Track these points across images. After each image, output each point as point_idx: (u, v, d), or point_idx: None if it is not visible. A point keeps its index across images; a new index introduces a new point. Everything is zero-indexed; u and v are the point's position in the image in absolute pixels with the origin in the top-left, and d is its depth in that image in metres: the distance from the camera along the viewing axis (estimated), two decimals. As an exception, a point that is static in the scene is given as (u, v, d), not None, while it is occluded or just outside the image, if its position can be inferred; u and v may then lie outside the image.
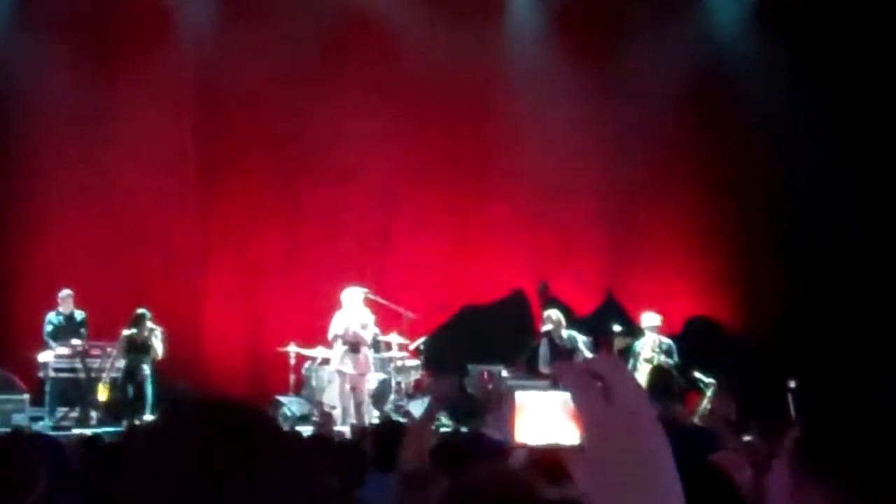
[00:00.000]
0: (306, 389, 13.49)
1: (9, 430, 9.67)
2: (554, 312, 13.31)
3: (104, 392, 12.99)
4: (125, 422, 12.18)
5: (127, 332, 13.13)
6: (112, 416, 12.76)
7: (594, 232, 15.43)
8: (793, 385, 12.55)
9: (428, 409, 4.76)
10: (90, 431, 10.80)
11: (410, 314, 13.64)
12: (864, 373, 11.29)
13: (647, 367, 13.07)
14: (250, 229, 15.06)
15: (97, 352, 13.22)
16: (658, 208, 15.37)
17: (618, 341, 13.05)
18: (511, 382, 1.41)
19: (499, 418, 1.37)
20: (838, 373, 12.11)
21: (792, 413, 12.09)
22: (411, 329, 13.70)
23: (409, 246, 15.22)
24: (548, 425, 1.29)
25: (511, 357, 13.56)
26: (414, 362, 13.71)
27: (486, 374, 13.57)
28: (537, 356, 13.15)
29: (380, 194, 15.23)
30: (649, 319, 13.36)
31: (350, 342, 12.68)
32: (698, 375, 12.84)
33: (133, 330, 13.13)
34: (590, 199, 15.37)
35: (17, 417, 12.15)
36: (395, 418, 11.49)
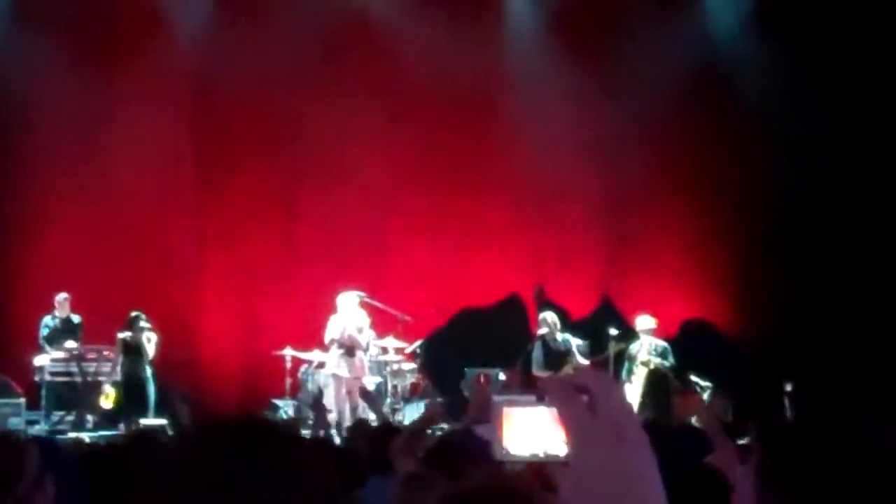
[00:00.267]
0: (302, 393, 13.49)
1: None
2: (549, 315, 13.32)
3: (108, 398, 12.98)
4: (124, 425, 12.18)
5: (122, 335, 13.14)
6: (111, 420, 12.75)
7: (591, 235, 15.42)
8: (789, 388, 12.56)
9: (419, 422, 4.78)
10: (87, 435, 10.80)
11: (407, 317, 13.64)
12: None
13: (643, 370, 13.07)
14: (247, 232, 15.04)
15: (93, 355, 13.21)
16: (654, 211, 15.37)
17: (612, 346, 13.04)
18: (498, 398, 1.42)
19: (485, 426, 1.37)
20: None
21: (789, 415, 12.09)
22: (407, 332, 13.71)
23: (406, 249, 15.20)
24: (535, 439, 1.30)
25: (507, 360, 13.57)
26: (410, 366, 13.71)
27: (482, 378, 13.57)
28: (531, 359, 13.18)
29: (376, 197, 15.21)
30: (644, 322, 13.36)
31: (346, 346, 12.67)
32: (694, 378, 12.85)
33: (128, 333, 13.12)
34: (586, 202, 15.36)
35: (13, 421, 12.11)
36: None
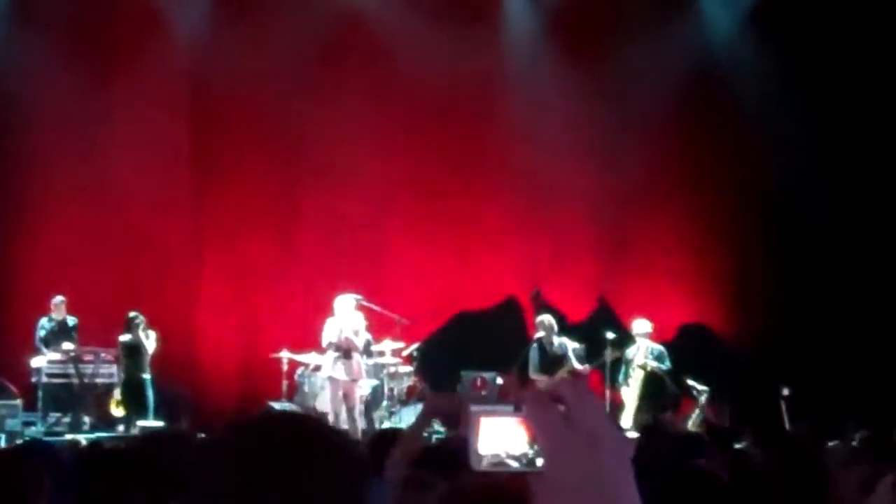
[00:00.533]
0: (299, 395, 13.48)
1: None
2: (546, 318, 13.32)
3: (118, 405, 13.00)
4: (123, 427, 12.18)
5: (122, 337, 13.16)
6: (109, 421, 12.76)
7: (588, 238, 15.43)
8: (786, 392, 12.57)
9: (418, 420, 4.78)
10: (83, 437, 10.79)
11: (404, 320, 13.64)
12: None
13: (640, 373, 13.08)
14: (244, 234, 15.04)
15: (90, 357, 13.21)
16: (651, 214, 15.38)
17: (608, 352, 13.04)
18: (475, 408, 1.42)
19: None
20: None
21: (785, 420, 12.10)
22: (405, 335, 13.71)
23: (403, 252, 15.21)
24: (511, 449, 1.29)
25: (504, 364, 13.58)
26: (407, 368, 13.70)
27: (478, 381, 13.57)
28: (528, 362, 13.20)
29: (374, 199, 15.21)
30: (641, 326, 13.35)
31: (343, 349, 12.67)
32: (691, 382, 12.86)
33: (128, 335, 13.15)
34: (584, 205, 15.36)
35: (9, 423, 12.12)
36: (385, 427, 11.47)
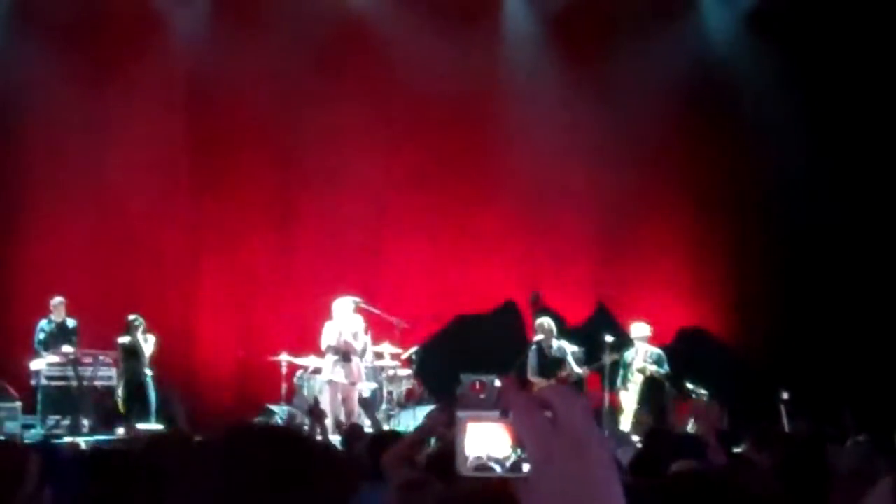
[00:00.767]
0: (298, 398, 13.48)
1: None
2: (546, 321, 13.32)
3: (121, 405, 13.02)
4: (123, 429, 12.17)
5: (121, 339, 13.17)
6: (109, 424, 12.76)
7: (587, 241, 15.43)
8: (785, 396, 12.56)
9: (417, 433, 4.81)
10: (83, 439, 10.79)
11: (403, 323, 13.64)
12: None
13: (639, 377, 13.08)
14: (243, 237, 15.05)
15: (89, 360, 13.21)
16: (650, 218, 15.38)
17: (607, 356, 13.03)
18: (462, 413, 1.44)
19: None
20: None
21: (784, 424, 12.09)
22: (403, 338, 13.71)
23: (402, 255, 15.21)
24: (498, 454, 1.31)
25: (503, 367, 13.57)
26: (406, 371, 13.70)
27: (477, 384, 13.52)
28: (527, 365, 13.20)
29: (373, 203, 15.22)
30: (639, 330, 13.35)
31: (342, 352, 12.67)
32: (690, 386, 12.86)
33: (127, 337, 13.16)
34: (583, 209, 15.36)
35: (9, 425, 12.11)
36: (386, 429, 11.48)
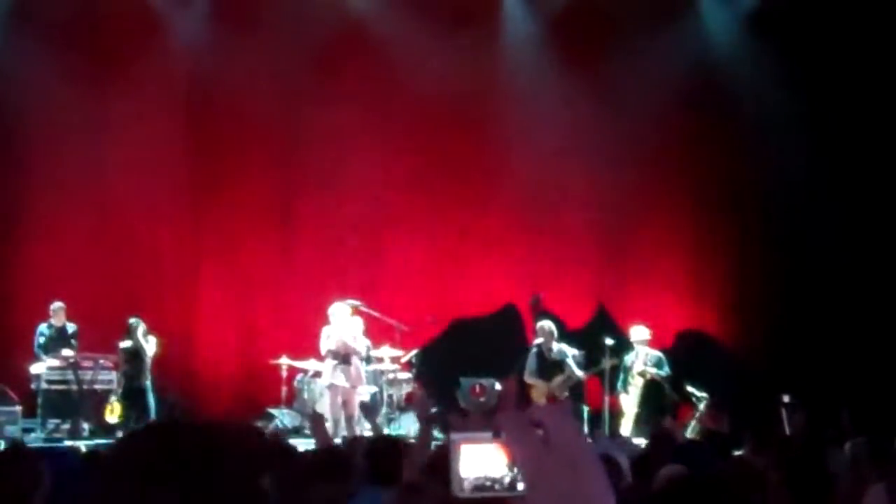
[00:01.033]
0: (298, 402, 13.49)
1: (8, 444, 9.65)
2: (547, 324, 13.31)
3: (113, 412, 12.99)
4: (123, 434, 12.15)
5: (122, 344, 13.17)
6: (110, 428, 12.76)
7: (587, 245, 15.42)
8: (786, 399, 12.55)
9: (421, 429, 4.82)
10: (83, 444, 10.78)
11: (403, 326, 13.64)
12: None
13: (639, 380, 13.07)
14: (243, 241, 15.05)
15: (89, 364, 13.21)
16: (651, 221, 15.39)
17: (606, 360, 13.02)
18: (455, 435, 1.45)
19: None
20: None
21: (785, 427, 12.09)
22: (403, 341, 13.71)
23: (402, 258, 15.22)
24: (492, 474, 1.32)
25: (503, 370, 13.57)
26: (406, 375, 13.70)
27: (477, 387, 13.56)
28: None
29: (373, 206, 15.22)
30: (639, 333, 13.33)
31: (341, 355, 12.65)
32: (690, 389, 12.85)
33: (128, 341, 13.16)
34: (583, 212, 15.36)
35: (9, 429, 12.11)
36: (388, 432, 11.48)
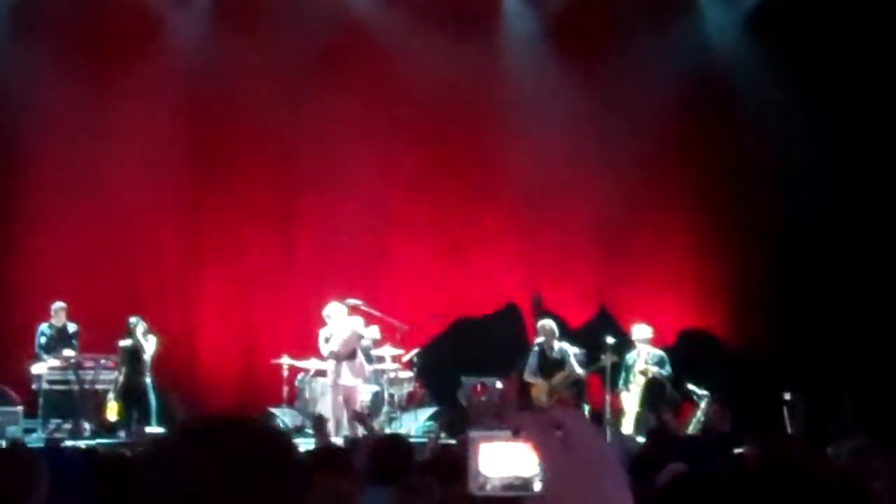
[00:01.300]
0: (299, 401, 13.49)
1: (6, 442, 9.66)
2: (548, 323, 13.31)
3: (112, 411, 13.00)
4: (125, 434, 12.16)
5: (123, 343, 13.17)
6: (111, 428, 12.76)
7: (588, 243, 15.41)
8: (788, 397, 12.54)
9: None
10: (84, 443, 10.78)
11: (404, 326, 13.64)
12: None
13: (641, 379, 13.05)
14: (244, 241, 15.04)
15: (90, 364, 13.21)
16: (651, 219, 15.37)
17: (607, 357, 13.02)
18: (474, 433, 1.45)
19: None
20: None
21: (787, 425, 12.08)
22: (405, 341, 13.71)
23: (403, 258, 15.21)
24: (510, 474, 1.32)
25: (504, 369, 13.58)
26: (407, 374, 13.70)
27: (478, 387, 13.57)
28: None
29: (374, 206, 15.21)
30: (641, 332, 13.31)
31: (342, 354, 12.63)
32: (692, 387, 12.84)
33: (128, 341, 13.16)
34: (583, 211, 15.34)
35: (10, 429, 12.10)
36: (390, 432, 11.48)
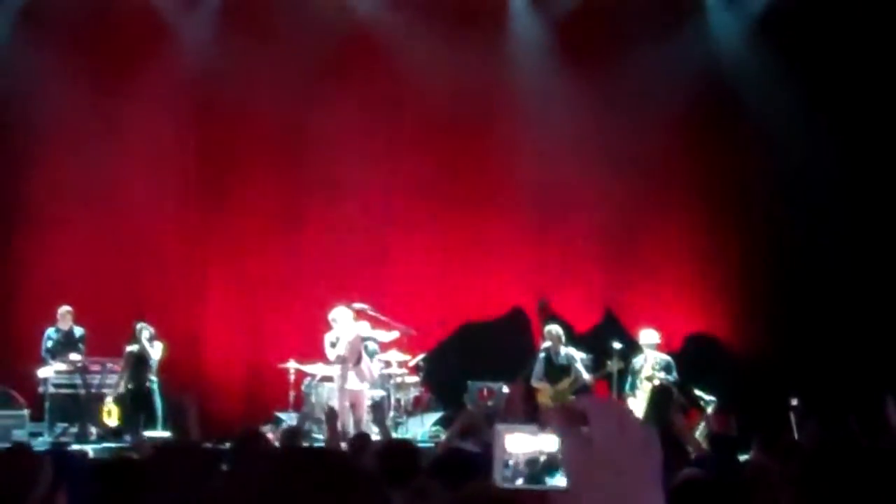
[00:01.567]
0: (306, 406, 13.48)
1: (10, 444, 9.65)
2: (555, 328, 13.30)
3: (111, 415, 12.99)
4: (130, 437, 12.15)
5: (129, 347, 13.18)
6: (117, 432, 12.76)
7: (594, 248, 15.39)
8: (794, 402, 12.50)
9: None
10: (90, 447, 10.80)
11: (410, 331, 13.63)
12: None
13: (647, 384, 13.03)
14: (250, 245, 15.05)
15: (97, 367, 13.23)
16: (658, 225, 15.36)
17: (614, 363, 12.99)
18: (501, 426, 1.46)
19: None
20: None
21: (794, 430, 12.05)
22: (411, 346, 13.70)
23: (409, 262, 15.21)
24: (535, 468, 1.32)
25: (510, 374, 13.57)
26: (413, 379, 13.70)
27: (485, 391, 13.56)
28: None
29: (380, 210, 15.22)
30: (647, 337, 13.30)
31: (349, 359, 12.62)
32: (698, 393, 12.81)
33: (135, 346, 13.17)
34: (590, 216, 15.34)
35: (16, 433, 12.12)
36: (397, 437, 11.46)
